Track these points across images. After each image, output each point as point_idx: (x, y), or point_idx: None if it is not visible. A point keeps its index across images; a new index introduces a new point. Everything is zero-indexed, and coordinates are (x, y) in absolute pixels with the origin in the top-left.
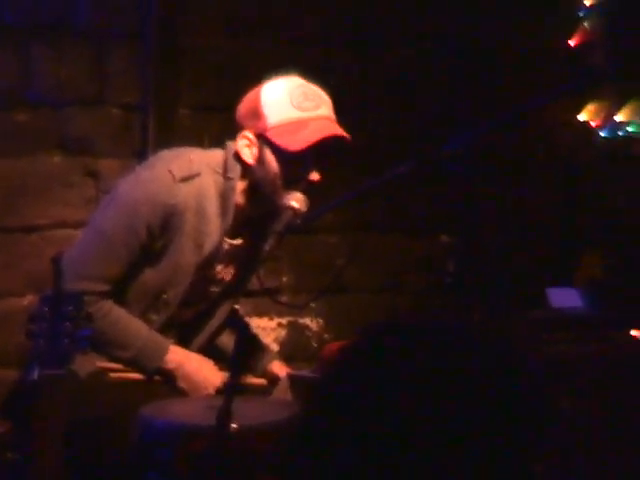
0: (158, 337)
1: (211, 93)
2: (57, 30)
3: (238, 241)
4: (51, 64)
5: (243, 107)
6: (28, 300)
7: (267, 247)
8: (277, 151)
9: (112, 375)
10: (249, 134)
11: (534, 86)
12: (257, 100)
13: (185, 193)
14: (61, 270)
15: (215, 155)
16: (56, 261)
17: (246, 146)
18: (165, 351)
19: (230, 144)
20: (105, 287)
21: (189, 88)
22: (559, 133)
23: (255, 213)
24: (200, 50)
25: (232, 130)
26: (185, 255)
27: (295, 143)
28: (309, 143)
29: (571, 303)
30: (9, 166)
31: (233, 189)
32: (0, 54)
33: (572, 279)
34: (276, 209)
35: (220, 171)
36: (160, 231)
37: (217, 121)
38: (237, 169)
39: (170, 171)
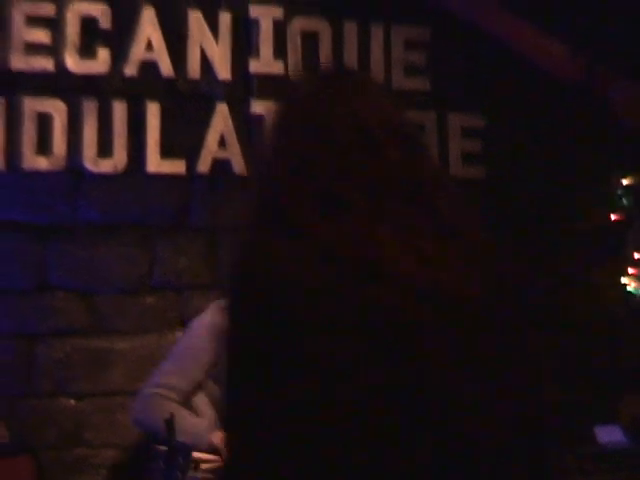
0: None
1: None
2: (176, 226)
3: None
4: (172, 255)
5: None
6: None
7: None
8: None
9: (203, 466)
10: None
11: (581, 254)
12: None
13: None
14: (173, 429)
15: None
16: (168, 422)
17: None
18: (209, 431)
19: None
20: (170, 393)
21: None
22: (604, 293)
23: None
24: None
25: None
26: None
27: None
28: None
29: (616, 439)
30: (139, 341)
31: None
32: (130, 247)
33: (617, 418)
34: None
35: None
36: (216, 350)
37: None
38: None
39: (219, 304)
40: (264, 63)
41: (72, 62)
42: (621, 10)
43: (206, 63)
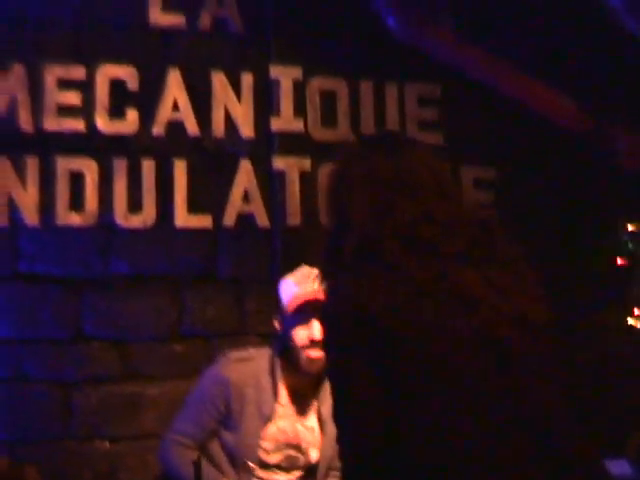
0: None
1: None
2: (203, 277)
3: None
4: (200, 304)
5: None
6: None
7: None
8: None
9: None
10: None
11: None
12: None
13: (240, 371)
14: (201, 469)
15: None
16: (196, 463)
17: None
18: None
19: None
20: (187, 440)
21: None
22: (609, 333)
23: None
24: None
25: None
26: (250, 421)
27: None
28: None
29: (624, 472)
30: (169, 386)
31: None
32: (160, 298)
33: (625, 451)
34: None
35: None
36: (225, 401)
37: None
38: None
39: (227, 356)
40: (285, 121)
41: (102, 123)
42: (626, 64)
43: (230, 122)
